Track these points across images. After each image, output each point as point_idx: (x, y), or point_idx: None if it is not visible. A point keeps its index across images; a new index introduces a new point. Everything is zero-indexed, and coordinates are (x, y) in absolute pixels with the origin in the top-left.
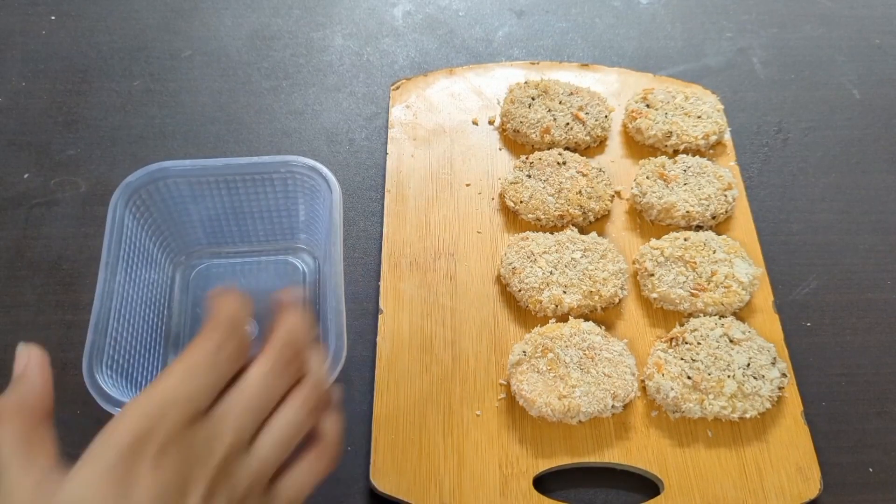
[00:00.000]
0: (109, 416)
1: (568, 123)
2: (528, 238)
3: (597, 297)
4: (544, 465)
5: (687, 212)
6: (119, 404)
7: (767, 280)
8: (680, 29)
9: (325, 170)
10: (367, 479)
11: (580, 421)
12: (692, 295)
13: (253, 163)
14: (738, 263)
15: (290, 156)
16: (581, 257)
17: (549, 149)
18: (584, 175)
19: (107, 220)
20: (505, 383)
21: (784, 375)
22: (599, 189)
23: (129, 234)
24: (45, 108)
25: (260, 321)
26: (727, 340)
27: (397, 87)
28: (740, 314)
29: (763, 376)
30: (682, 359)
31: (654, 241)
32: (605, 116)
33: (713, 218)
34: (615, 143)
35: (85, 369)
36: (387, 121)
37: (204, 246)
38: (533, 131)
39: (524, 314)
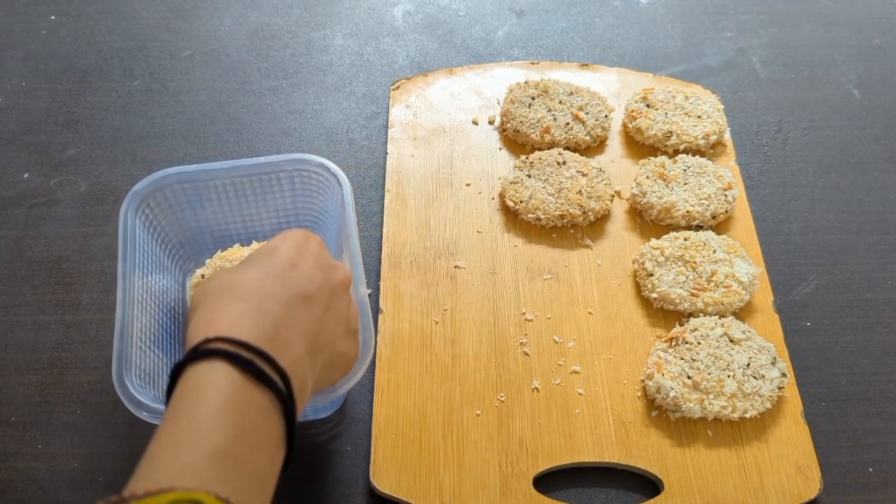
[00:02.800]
0: (131, 419)
1: (568, 123)
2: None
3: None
4: (544, 465)
5: (687, 212)
6: (150, 410)
7: (767, 280)
8: (680, 29)
9: (333, 166)
10: (367, 479)
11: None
12: (692, 295)
13: (259, 163)
14: (738, 263)
15: (297, 154)
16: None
17: (549, 148)
18: (584, 175)
19: (119, 230)
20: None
21: (784, 375)
22: (599, 189)
23: (141, 242)
24: (45, 108)
25: None
26: (727, 340)
27: (397, 87)
28: (740, 314)
29: (763, 376)
30: (682, 358)
31: (654, 241)
32: (605, 116)
33: (713, 218)
34: (615, 143)
35: (116, 380)
36: (387, 121)
37: (212, 250)
38: (533, 131)
39: (524, 314)
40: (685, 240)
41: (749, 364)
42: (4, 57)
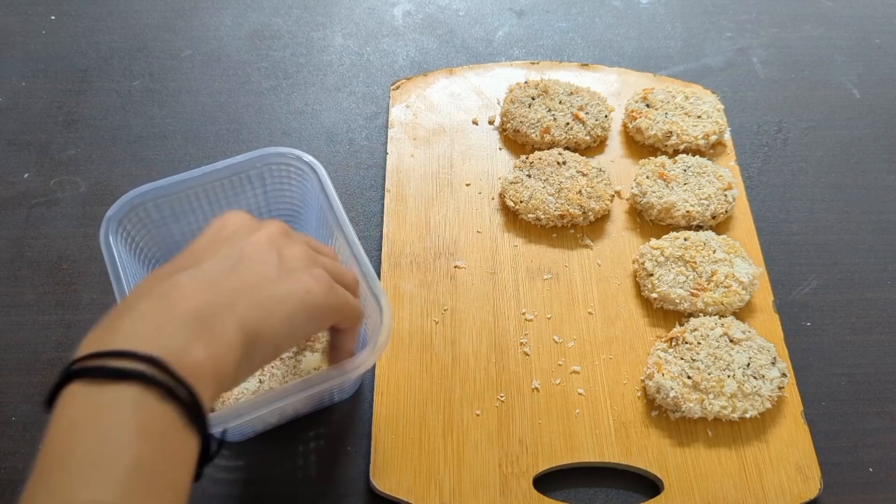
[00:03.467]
0: None
1: (568, 123)
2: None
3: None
4: (544, 465)
5: (687, 212)
6: None
7: (767, 280)
8: (680, 29)
9: (304, 154)
10: (367, 479)
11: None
12: (692, 295)
13: (228, 165)
14: (738, 263)
15: (265, 149)
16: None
17: (549, 148)
18: (584, 175)
19: (104, 256)
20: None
21: (784, 375)
22: (599, 189)
23: (127, 265)
24: (45, 108)
25: None
26: (727, 340)
27: (397, 87)
28: (740, 314)
29: (763, 376)
30: (682, 358)
31: (654, 241)
32: (605, 116)
33: (713, 218)
34: (615, 143)
35: None
36: (387, 121)
37: None
38: (533, 131)
39: (524, 314)
40: (685, 240)
41: (749, 364)
42: (4, 57)
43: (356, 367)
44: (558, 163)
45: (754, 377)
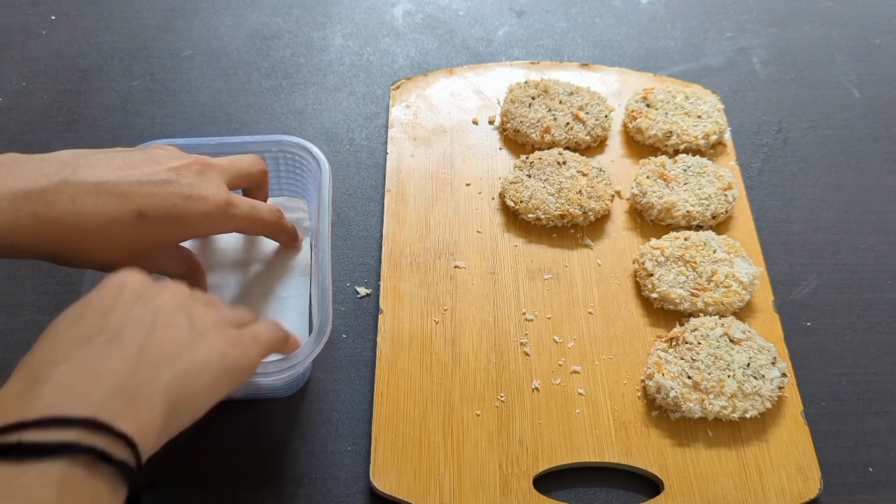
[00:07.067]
0: None
1: (568, 123)
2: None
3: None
4: (544, 465)
5: (687, 211)
6: None
7: (767, 280)
8: (680, 29)
9: (315, 149)
10: (367, 479)
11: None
12: (692, 295)
13: (245, 141)
14: (739, 263)
15: (280, 135)
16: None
17: (549, 148)
18: (584, 175)
19: None
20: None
21: (784, 375)
22: (599, 189)
23: None
24: (45, 108)
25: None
26: (727, 340)
27: (397, 87)
28: (740, 314)
29: (763, 376)
30: (682, 358)
31: (654, 241)
32: (606, 116)
33: (713, 218)
34: (615, 143)
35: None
36: (387, 121)
37: None
38: (533, 131)
39: (524, 314)
40: (685, 240)
41: (749, 364)
42: (4, 57)
43: (282, 369)
44: (558, 163)
45: (754, 377)
